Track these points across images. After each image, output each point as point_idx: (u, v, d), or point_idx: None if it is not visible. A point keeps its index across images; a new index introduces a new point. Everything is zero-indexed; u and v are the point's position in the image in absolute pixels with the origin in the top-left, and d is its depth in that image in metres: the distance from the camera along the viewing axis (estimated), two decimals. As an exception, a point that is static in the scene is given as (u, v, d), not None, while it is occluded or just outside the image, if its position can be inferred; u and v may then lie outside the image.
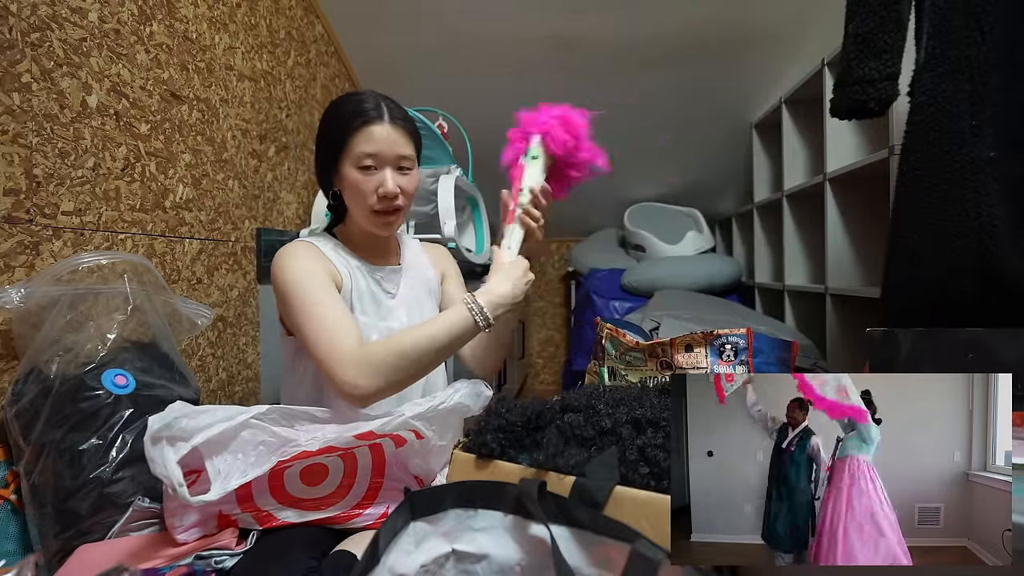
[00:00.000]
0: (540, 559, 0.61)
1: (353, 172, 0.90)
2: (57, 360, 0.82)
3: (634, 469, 0.63)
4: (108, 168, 1.04)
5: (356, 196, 0.92)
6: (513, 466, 0.70)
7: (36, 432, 0.78)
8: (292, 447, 0.73)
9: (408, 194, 0.94)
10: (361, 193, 0.91)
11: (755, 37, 1.98)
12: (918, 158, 0.88)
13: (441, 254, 1.16)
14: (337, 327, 0.82)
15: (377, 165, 0.90)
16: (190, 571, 0.71)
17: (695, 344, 1.15)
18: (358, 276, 0.97)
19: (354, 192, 0.92)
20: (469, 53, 2.13)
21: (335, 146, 0.91)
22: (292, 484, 0.77)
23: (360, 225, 0.97)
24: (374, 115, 0.90)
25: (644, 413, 0.70)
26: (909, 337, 0.74)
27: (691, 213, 2.81)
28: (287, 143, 1.74)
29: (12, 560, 0.79)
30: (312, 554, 0.72)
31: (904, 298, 0.90)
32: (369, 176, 0.90)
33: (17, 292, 0.82)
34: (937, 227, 0.85)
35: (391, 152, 0.91)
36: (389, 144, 0.90)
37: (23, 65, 0.87)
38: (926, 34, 0.88)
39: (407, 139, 0.93)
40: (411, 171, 0.95)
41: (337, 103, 0.94)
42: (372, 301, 0.97)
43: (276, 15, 1.66)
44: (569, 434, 0.70)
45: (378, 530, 0.58)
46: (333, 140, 0.92)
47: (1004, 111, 0.84)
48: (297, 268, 0.87)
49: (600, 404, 0.73)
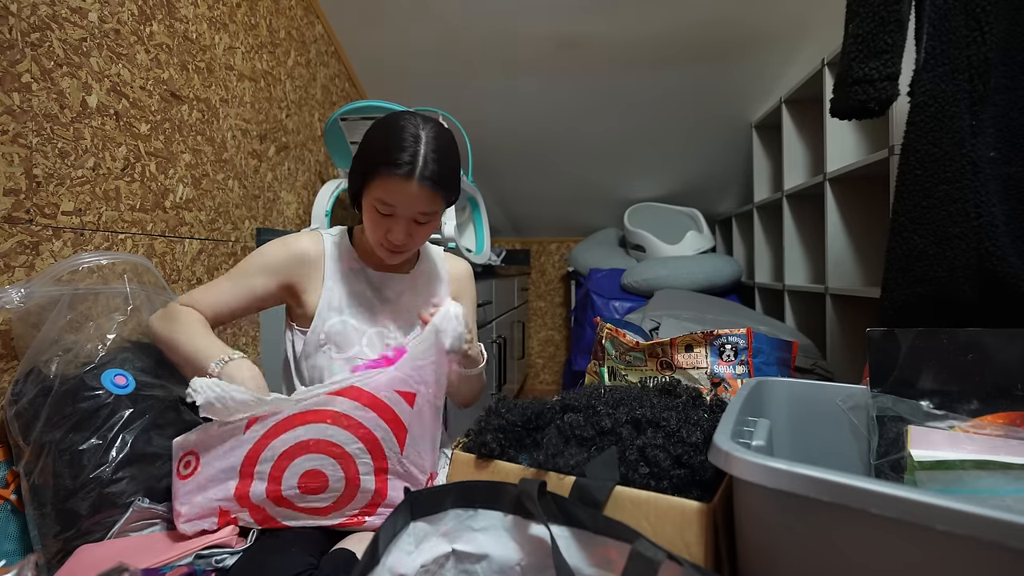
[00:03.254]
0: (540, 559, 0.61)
1: (369, 208, 0.89)
2: (57, 360, 0.82)
3: (634, 469, 0.63)
4: (108, 168, 1.04)
5: (368, 226, 0.92)
6: (513, 466, 0.70)
7: (36, 432, 0.78)
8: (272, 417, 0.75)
9: (420, 240, 0.92)
10: (371, 227, 0.91)
11: (755, 37, 1.98)
12: (918, 158, 0.88)
13: (462, 273, 1.11)
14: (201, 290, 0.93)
15: (392, 214, 0.88)
16: (190, 571, 0.71)
17: (695, 344, 1.15)
18: (351, 278, 0.97)
19: (367, 222, 0.91)
20: (469, 53, 2.13)
21: (362, 173, 0.88)
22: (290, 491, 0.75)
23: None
24: (404, 170, 0.83)
25: (644, 413, 0.70)
26: (909, 337, 0.74)
27: (691, 213, 2.81)
28: (287, 143, 1.74)
29: (12, 560, 0.79)
30: (311, 552, 0.72)
31: (904, 298, 0.90)
32: (383, 220, 0.88)
33: (17, 292, 0.82)
34: (937, 227, 0.85)
35: (409, 209, 0.87)
36: (409, 201, 0.86)
37: (23, 65, 0.87)
38: (926, 34, 0.88)
39: (432, 196, 0.87)
40: (431, 222, 0.91)
41: (377, 128, 0.88)
42: (364, 305, 0.97)
43: (276, 15, 1.66)
44: (569, 434, 0.70)
45: (378, 530, 0.58)
46: (363, 165, 0.88)
47: (1004, 111, 0.84)
48: (259, 253, 0.95)
49: (600, 404, 0.73)
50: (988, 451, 0.60)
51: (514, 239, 3.57)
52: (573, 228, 3.40)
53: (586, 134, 2.57)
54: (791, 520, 0.50)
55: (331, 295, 0.96)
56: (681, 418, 0.69)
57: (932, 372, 0.73)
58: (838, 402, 0.80)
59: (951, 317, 0.86)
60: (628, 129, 2.53)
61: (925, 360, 0.73)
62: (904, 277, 0.90)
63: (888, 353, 0.75)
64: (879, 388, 0.76)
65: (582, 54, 2.10)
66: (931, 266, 0.86)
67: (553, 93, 2.32)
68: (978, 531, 0.39)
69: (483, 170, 2.79)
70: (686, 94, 2.29)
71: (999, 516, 0.38)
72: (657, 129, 2.52)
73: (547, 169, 2.86)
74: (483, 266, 1.90)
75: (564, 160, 2.78)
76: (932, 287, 0.86)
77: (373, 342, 0.97)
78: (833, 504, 0.44)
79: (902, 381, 0.74)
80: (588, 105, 2.38)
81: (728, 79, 2.20)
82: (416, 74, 2.25)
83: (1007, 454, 0.58)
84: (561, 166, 2.83)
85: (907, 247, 0.89)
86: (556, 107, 2.40)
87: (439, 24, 1.99)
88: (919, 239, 0.87)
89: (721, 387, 1.12)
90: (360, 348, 0.95)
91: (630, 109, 2.39)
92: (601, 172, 2.86)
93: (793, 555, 0.50)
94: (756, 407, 0.76)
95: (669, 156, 2.72)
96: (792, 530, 0.50)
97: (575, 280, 3.07)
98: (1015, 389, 0.68)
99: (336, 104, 2.13)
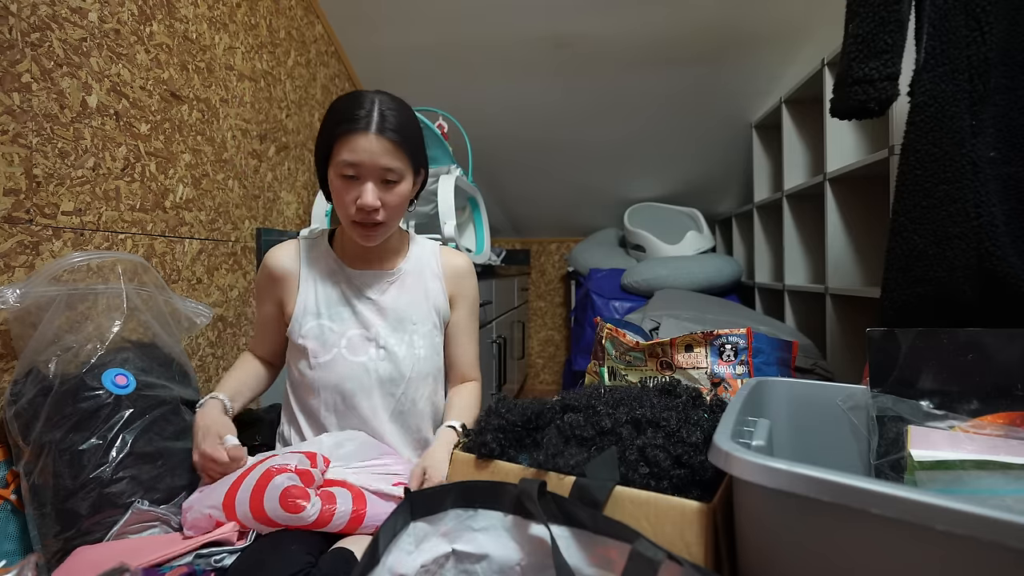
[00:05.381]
0: (540, 559, 0.61)
1: (336, 179, 0.88)
2: (56, 360, 0.81)
3: (634, 469, 0.63)
4: (108, 168, 1.04)
5: (338, 204, 0.91)
6: (513, 466, 0.70)
7: (35, 432, 0.78)
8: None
9: (392, 208, 0.90)
10: (341, 202, 0.89)
11: (755, 37, 1.98)
12: (918, 158, 0.88)
13: (461, 268, 1.06)
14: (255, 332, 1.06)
15: (359, 176, 0.87)
16: (190, 570, 0.71)
17: (695, 344, 1.15)
18: (329, 282, 0.97)
19: (336, 200, 0.90)
20: (469, 53, 2.13)
21: (323, 149, 0.90)
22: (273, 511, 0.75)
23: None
24: (361, 125, 0.84)
25: (644, 413, 0.70)
26: (909, 337, 0.74)
27: (691, 213, 2.81)
28: (287, 143, 1.74)
29: (12, 560, 0.78)
30: (310, 551, 0.72)
31: (904, 298, 0.90)
32: (350, 186, 0.87)
33: (13, 292, 0.81)
34: (937, 227, 0.85)
35: (374, 164, 0.85)
36: (372, 156, 0.85)
37: (23, 65, 0.87)
38: (926, 34, 0.88)
39: (396, 150, 0.86)
40: (398, 184, 0.89)
41: (334, 103, 0.90)
42: (345, 306, 0.97)
43: (276, 15, 1.66)
44: (569, 434, 0.70)
45: (378, 530, 0.58)
46: (322, 143, 0.90)
47: (1004, 111, 0.84)
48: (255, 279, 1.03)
49: (600, 404, 0.73)
50: (988, 451, 0.59)
51: (514, 239, 3.57)
52: (573, 228, 3.40)
53: (586, 134, 2.57)
54: (791, 520, 0.50)
55: (307, 299, 0.96)
56: (681, 418, 0.69)
57: (932, 372, 0.73)
58: (838, 402, 0.80)
59: (951, 317, 0.86)
60: (628, 129, 2.53)
61: (925, 360, 0.73)
62: (904, 277, 0.90)
63: (888, 353, 0.75)
64: (879, 388, 0.76)
65: (582, 54, 2.10)
66: (931, 266, 0.86)
67: (553, 93, 2.32)
68: (978, 531, 0.39)
69: (483, 170, 2.79)
70: (686, 94, 2.29)
71: (999, 516, 0.38)
72: (657, 129, 2.52)
73: (547, 169, 2.86)
74: (483, 266, 1.90)
75: (564, 160, 2.78)
76: (932, 287, 0.86)
77: (354, 344, 0.95)
78: (833, 504, 0.44)
79: (902, 381, 0.74)
80: (588, 105, 2.38)
81: (728, 79, 2.20)
82: (416, 74, 2.25)
83: (1007, 454, 0.58)
84: (561, 166, 2.83)
85: (907, 247, 0.89)
86: (556, 107, 2.40)
87: (439, 24, 1.99)
88: (919, 239, 0.87)
89: (721, 387, 1.12)
90: (340, 351, 0.94)
91: (630, 109, 2.39)
92: (601, 172, 2.86)
93: (793, 555, 0.50)
94: (756, 407, 0.76)
95: (669, 156, 2.72)
96: (792, 530, 0.50)
97: (575, 280, 3.07)
98: (1015, 389, 0.68)
99: (336, 104, 2.13)
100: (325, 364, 0.94)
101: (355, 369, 0.94)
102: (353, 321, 0.96)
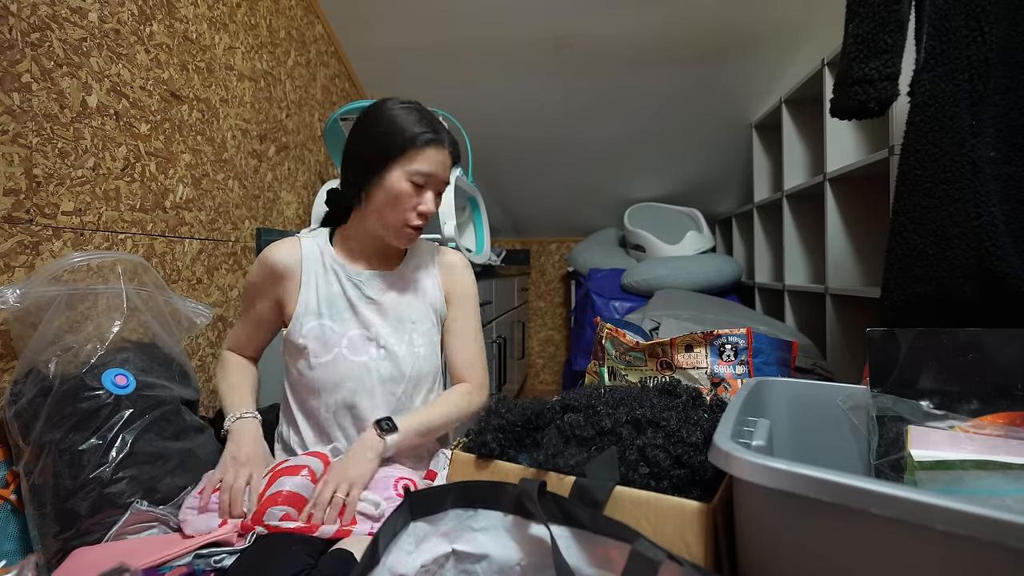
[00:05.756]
0: (540, 559, 0.61)
1: (403, 184, 0.91)
2: (56, 360, 0.82)
3: (634, 469, 0.63)
4: (108, 168, 1.04)
5: (394, 207, 0.92)
6: (513, 466, 0.70)
7: (35, 432, 0.78)
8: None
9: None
10: (401, 207, 0.92)
11: (755, 37, 1.98)
12: (918, 158, 0.88)
13: (456, 264, 1.07)
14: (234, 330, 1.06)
15: (425, 185, 0.92)
16: (189, 571, 0.71)
17: (695, 344, 1.15)
18: (332, 280, 0.97)
19: (393, 203, 0.92)
20: (469, 53, 2.13)
21: (388, 153, 0.90)
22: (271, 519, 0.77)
23: (373, 231, 0.96)
24: (442, 139, 0.92)
25: (644, 413, 0.70)
26: (909, 337, 0.74)
27: (691, 213, 2.81)
28: (287, 143, 1.74)
29: (12, 560, 0.79)
30: (310, 552, 0.72)
31: (904, 298, 0.90)
32: (414, 195, 0.92)
33: (12, 292, 0.82)
34: (937, 227, 0.85)
35: (443, 177, 0.94)
36: (444, 169, 0.94)
37: (23, 65, 0.87)
38: (926, 34, 0.88)
39: (451, 166, 0.96)
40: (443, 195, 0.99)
41: (396, 111, 0.92)
42: (346, 307, 0.97)
43: (276, 15, 1.66)
44: (569, 434, 0.70)
45: (378, 530, 0.58)
46: (388, 147, 0.90)
47: (1004, 111, 0.84)
48: (247, 278, 1.01)
49: (600, 404, 0.73)
50: (988, 451, 0.59)
51: (514, 239, 3.57)
52: (573, 228, 3.40)
53: (586, 134, 2.57)
54: (791, 520, 0.50)
55: (308, 298, 0.96)
56: (681, 418, 0.69)
57: (932, 372, 0.73)
58: (838, 402, 0.80)
59: (951, 317, 0.86)
60: (628, 129, 2.53)
61: (925, 360, 0.73)
62: (904, 277, 0.90)
63: (888, 353, 0.75)
64: (879, 388, 0.76)
65: (582, 55, 2.10)
66: (931, 266, 0.86)
67: (553, 93, 2.32)
68: (978, 531, 0.39)
69: (483, 170, 2.79)
70: (686, 94, 2.29)
71: (999, 516, 0.38)
72: (657, 129, 2.52)
73: (547, 169, 2.86)
74: (483, 266, 1.90)
75: (564, 160, 2.78)
76: (932, 287, 0.86)
77: (355, 344, 0.95)
78: (833, 504, 0.44)
79: (902, 381, 0.74)
80: (588, 106, 2.38)
81: (728, 79, 2.20)
82: (416, 74, 2.25)
83: (1007, 454, 0.58)
84: (561, 166, 2.83)
85: (907, 247, 0.89)
86: (556, 107, 2.40)
87: (439, 24, 1.99)
88: (919, 239, 0.87)
89: (721, 387, 1.12)
90: (340, 351, 0.94)
91: (630, 109, 2.39)
92: (601, 172, 2.86)
93: (793, 555, 0.50)
94: (756, 407, 0.76)
95: (669, 156, 2.72)
96: (792, 530, 0.50)
97: (575, 280, 3.07)
98: (1015, 389, 0.67)
99: (336, 104, 2.13)
100: (326, 364, 0.93)
101: (356, 369, 0.94)
102: (354, 321, 0.96)
